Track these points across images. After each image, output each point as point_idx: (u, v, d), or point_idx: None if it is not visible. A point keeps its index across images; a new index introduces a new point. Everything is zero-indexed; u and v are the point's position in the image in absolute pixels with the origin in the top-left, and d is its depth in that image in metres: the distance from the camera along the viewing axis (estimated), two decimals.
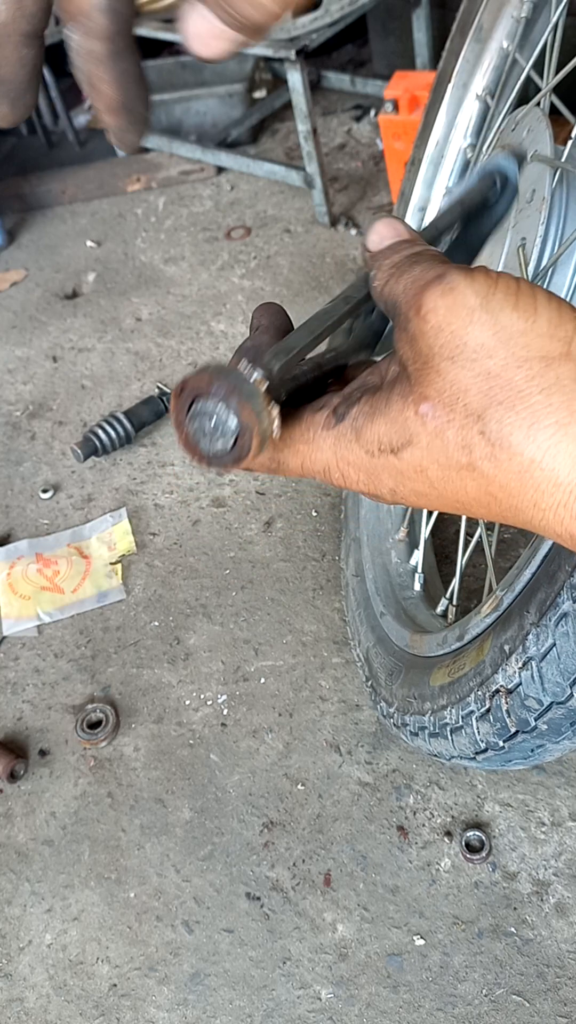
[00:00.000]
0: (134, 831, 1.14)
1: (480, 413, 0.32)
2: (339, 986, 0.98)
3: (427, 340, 0.33)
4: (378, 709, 1.06)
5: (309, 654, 1.27)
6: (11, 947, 1.06)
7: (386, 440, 0.35)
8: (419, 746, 0.95)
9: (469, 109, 1.24)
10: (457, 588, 1.08)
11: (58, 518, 1.54)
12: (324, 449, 0.37)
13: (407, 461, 0.35)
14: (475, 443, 0.33)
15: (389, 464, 0.35)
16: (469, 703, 0.80)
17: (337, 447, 0.36)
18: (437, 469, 0.34)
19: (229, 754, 1.19)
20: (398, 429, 0.34)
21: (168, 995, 1.00)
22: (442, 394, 0.33)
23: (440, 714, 0.87)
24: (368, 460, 0.36)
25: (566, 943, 0.97)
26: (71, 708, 1.27)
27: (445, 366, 0.33)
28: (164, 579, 1.41)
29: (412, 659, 1.01)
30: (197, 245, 2.09)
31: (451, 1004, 0.94)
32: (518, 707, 0.73)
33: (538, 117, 0.88)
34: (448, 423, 0.33)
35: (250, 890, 1.06)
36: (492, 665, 0.77)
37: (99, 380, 1.79)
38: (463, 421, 0.33)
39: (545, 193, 0.80)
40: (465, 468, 0.33)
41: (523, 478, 0.32)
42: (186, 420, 0.35)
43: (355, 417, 0.36)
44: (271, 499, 1.49)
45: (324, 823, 1.10)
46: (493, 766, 0.85)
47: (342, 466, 0.37)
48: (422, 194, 1.30)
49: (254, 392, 0.34)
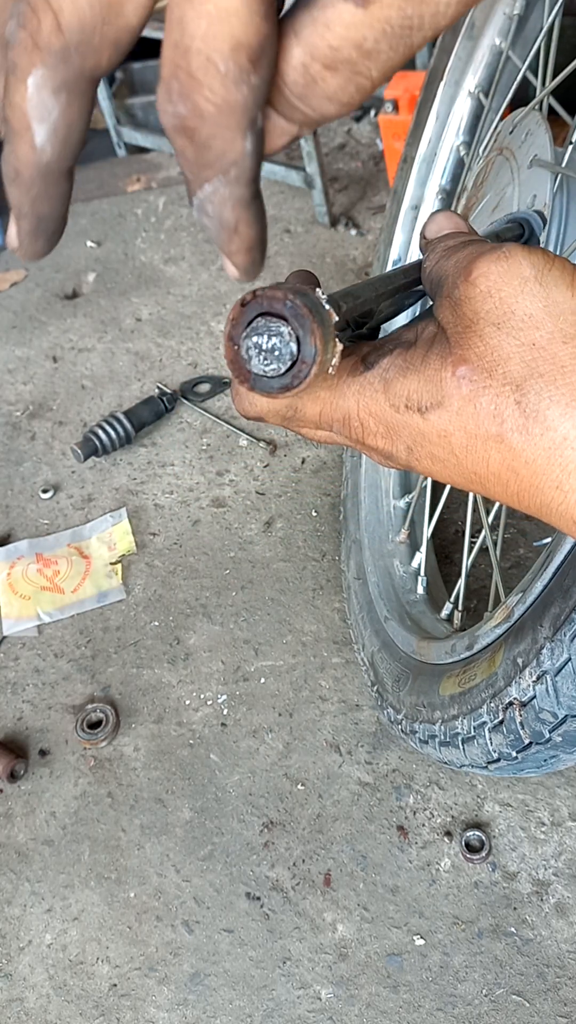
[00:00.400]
0: (134, 831, 1.14)
1: (519, 383, 0.32)
2: (339, 986, 0.98)
3: (473, 305, 0.33)
4: (385, 715, 1.06)
5: (309, 654, 1.27)
6: (11, 947, 1.06)
7: (415, 397, 0.34)
8: (428, 753, 0.94)
9: (461, 107, 1.23)
10: (463, 593, 1.07)
11: (58, 518, 1.54)
12: (347, 396, 0.35)
13: (433, 423, 0.33)
14: (508, 413, 0.32)
15: (413, 423, 0.34)
16: (482, 714, 0.79)
17: (361, 396, 0.35)
18: (463, 436, 0.33)
19: (229, 754, 1.19)
20: (431, 388, 0.33)
21: (168, 995, 1.00)
22: (483, 359, 0.32)
23: (451, 724, 0.86)
24: (391, 415, 0.34)
25: (566, 943, 0.97)
26: (71, 708, 1.27)
27: (490, 331, 0.32)
28: (164, 579, 1.41)
29: (419, 666, 1.00)
30: (197, 245, 2.09)
31: (451, 1004, 0.94)
32: (532, 720, 0.72)
33: (537, 121, 0.88)
34: (484, 389, 0.32)
35: (250, 890, 1.06)
36: (505, 677, 0.76)
37: (99, 380, 1.79)
38: (500, 389, 0.32)
39: (547, 199, 0.80)
40: (493, 438, 0.32)
41: (551, 455, 0.31)
42: (242, 333, 0.32)
43: (386, 368, 0.35)
44: (271, 499, 1.49)
45: (324, 823, 1.10)
46: (505, 774, 0.84)
47: (363, 416, 0.35)
48: (415, 192, 1.29)
49: (327, 320, 0.32)
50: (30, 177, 0.25)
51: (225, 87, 0.23)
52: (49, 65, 0.23)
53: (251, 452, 1.57)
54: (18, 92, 0.24)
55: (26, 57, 0.23)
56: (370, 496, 1.28)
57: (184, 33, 0.22)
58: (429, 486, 1.19)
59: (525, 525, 1.35)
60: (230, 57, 0.22)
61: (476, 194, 0.98)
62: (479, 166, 1.01)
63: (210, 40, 0.22)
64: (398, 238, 1.31)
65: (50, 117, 0.24)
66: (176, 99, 0.23)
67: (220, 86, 0.23)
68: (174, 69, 0.23)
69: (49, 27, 0.23)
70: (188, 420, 1.66)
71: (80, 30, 0.23)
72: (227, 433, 1.61)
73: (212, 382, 1.71)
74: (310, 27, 0.24)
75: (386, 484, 1.28)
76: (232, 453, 1.58)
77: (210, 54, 0.22)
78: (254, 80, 0.23)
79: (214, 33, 0.22)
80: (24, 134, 0.24)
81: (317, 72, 0.24)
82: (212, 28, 0.22)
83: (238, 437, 1.60)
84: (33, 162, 0.25)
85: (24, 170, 0.25)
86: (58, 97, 0.24)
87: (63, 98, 0.24)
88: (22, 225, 0.27)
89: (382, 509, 1.27)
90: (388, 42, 0.24)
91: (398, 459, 0.35)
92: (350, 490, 1.33)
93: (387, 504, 1.27)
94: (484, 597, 1.24)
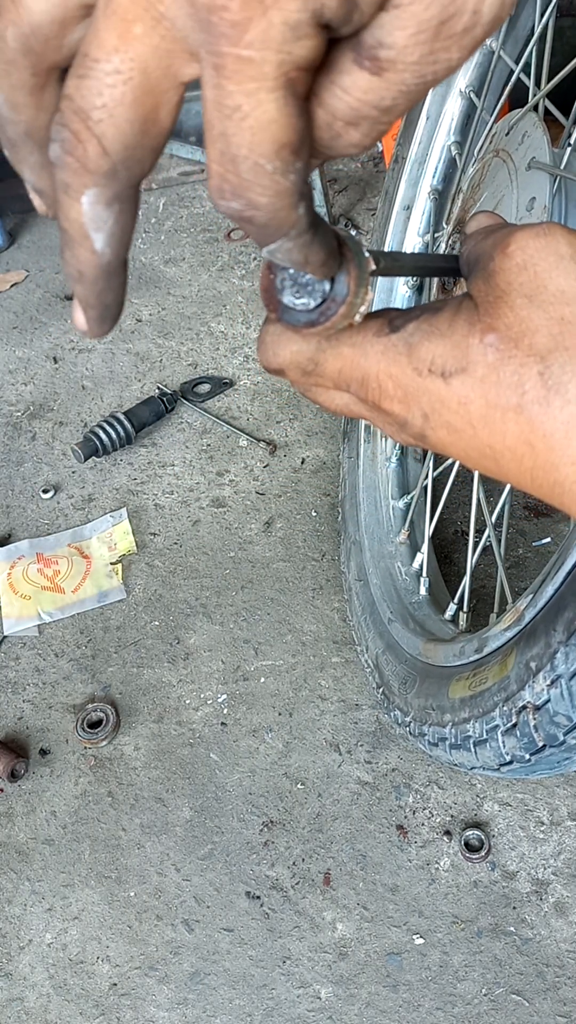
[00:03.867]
0: (134, 830, 1.14)
1: (544, 355, 0.32)
2: (339, 985, 0.98)
3: (507, 276, 0.33)
4: (392, 717, 1.05)
5: (309, 654, 1.28)
6: (11, 946, 1.06)
7: (439, 362, 0.33)
8: (438, 756, 0.93)
9: (452, 106, 1.22)
10: (467, 593, 1.07)
11: (59, 518, 1.55)
12: (369, 356, 0.35)
13: (455, 389, 0.33)
14: (530, 384, 0.32)
15: (434, 388, 0.34)
16: (494, 718, 0.79)
17: (384, 357, 0.35)
18: (482, 405, 0.33)
19: (229, 753, 1.19)
20: (457, 354, 0.33)
21: (168, 994, 1.00)
22: (510, 328, 0.32)
23: (462, 727, 0.85)
24: (413, 379, 0.34)
25: (565, 942, 0.97)
26: (71, 707, 1.28)
27: (520, 303, 0.32)
28: (164, 579, 1.41)
29: (426, 668, 0.99)
30: (197, 246, 2.09)
31: (450, 1003, 0.94)
32: (547, 723, 0.72)
33: (534, 123, 0.87)
34: (509, 359, 0.32)
35: (250, 889, 1.06)
36: (518, 681, 0.75)
37: (99, 381, 1.80)
38: (524, 359, 0.32)
39: (546, 202, 0.80)
40: (512, 409, 0.32)
41: (569, 430, 0.31)
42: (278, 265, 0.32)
43: (411, 332, 0.34)
44: (271, 499, 1.49)
45: (324, 822, 1.10)
46: (517, 776, 0.84)
47: (382, 378, 0.35)
48: (406, 193, 1.29)
49: (364, 266, 0.32)
50: (94, 277, 0.28)
51: (274, 181, 0.25)
52: (100, 184, 0.25)
53: (251, 452, 1.57)
54: (73, 208, 0.26)
55: (77, 179, 0.25)
56: (368, 497, 1.28)
57: (229, 144, 0.24)
58: (430, 485, 1.19)
59: (525, 525, 1.35)
60: (275, 157, 0.24)
61: (472, 196, 0.98)
62: (475, 168, 1.01)
63: (256, 148, 0.24)
64: (390, 238, 1.31)
65: (106, 226, 0.26)
66: (231, 197, 0.25)
67: (270, 182, 0.24)
68: (224, 173, 0.24)
69: (95, 152, 0.25)
70: (188, 420, 1.66)
71: (124, 149, 0.25)
72: (227, 433, 1.61)
73: (212, 382, 1.71)
74: (329, 91, 0.25)
75: (385, 485, 1.28)
76: (232, 453, 1.58)
77: (256, 160, 0.24)
78: (298, 166, 0.25)
79: (258, 141, 0.24)
80: (84, 242, 0.27)
81: (340, 128, 0.26)
82: (255, 138, 0.24)
83: (238, 437, 1.60)
84: (95, 264, 0.27)
85: (87, 271, 0.27)
86: (111, 208, 0.26)
87: (116, 208, 0.26)
88: (90, 314, 0.29)
89: (381, 510, 1.27)
90: (404, 98, 0.25)
91: (412, 427, 0.35)
92: (348, 491, 1.33)
93: (386, 505, 1.27)
94: (484, 597, 1.24)
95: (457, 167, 1.22)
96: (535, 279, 0.33)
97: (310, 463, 1.54)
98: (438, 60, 0.24)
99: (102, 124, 0.24)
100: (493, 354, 0.32)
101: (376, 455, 1.30)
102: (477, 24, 0.24)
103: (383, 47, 0.24)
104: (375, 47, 0.24)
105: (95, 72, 0.24)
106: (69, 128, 0.24)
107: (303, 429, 1.60)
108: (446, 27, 0.24)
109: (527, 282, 0.33)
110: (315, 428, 1.59)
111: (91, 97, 0.24)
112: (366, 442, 1.32)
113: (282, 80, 0.23)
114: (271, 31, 0.22)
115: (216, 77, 0.23)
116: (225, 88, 0.23)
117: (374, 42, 0.24)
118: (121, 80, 0.24)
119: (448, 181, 1.27)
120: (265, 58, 0.22)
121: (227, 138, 0.24)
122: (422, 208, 1.29)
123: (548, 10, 0.94)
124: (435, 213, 1.26)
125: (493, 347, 0.32)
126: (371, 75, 0.24)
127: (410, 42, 0.24)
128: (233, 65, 0.22)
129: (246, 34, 0.22)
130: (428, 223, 1.27)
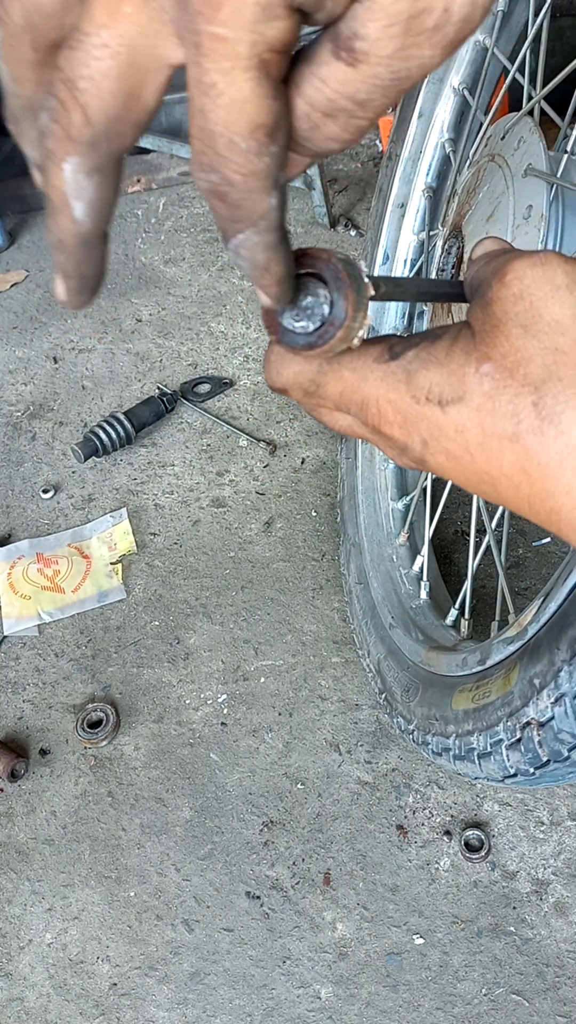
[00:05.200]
0: (134, 830, 1.14)
1: (538, 385, 0.32)
2: (339, 985, 0.98)
3: (503, 305, 0.34)
4: (395, 724, 1.04)
5: (309, 654, 1.28)
6: (11, 946, 1.06)
7: (437, 390, 0.34)
8: (442, 765, 0.93)
9: (446, 104, 1.21)
10: (469, 600, 1.06)
11: (59, 518, 1.55)
12: (370, 381, 0.36)
13: (452, 417, 0.34)
14: (525, 414, 0.32)
15: (432, 416, 0.34)
16: (498, 732, 0.78)
17: (383, 383, 0.35)
18: (479, 434, 0.33)
19: (229, 753, 1.19)
20: (453, 382, 0.34)
21: (168, 994, 1.00)
22: (505, 358, 0.33)
23: (466, 739, 0.84)
24: (411, 406, 0.35)
25: (565, 942, 0.97)
26: (72, 707, 1.28)
27: (516, 332, 0.33)
28: (164, 579, 1.41)
29: (429, 676, 0.99)
30: (197, 246, 2.09)
31: (450, 1003, 0.95)
32: (551, 739, 0.72)
33: (530, 128, 0.87)
34: (504, 388, 0.33)
35: (250, 889, 1.06)
36: (522, 697, 0.75)
37: (99, 381, 1.80)
38: (519, 389, 0.32)
39: (543, 210, 0.80)
40: (508, 438, 0.33)
41: (564, 459, 0.32)
42: None
43: (411, 360, 0.35)
44: (271, 499, 1.49)
45: (324, 822, 1.10)
46: (521, 787, 0.83)
47: (382, 404, 0.36)
48: (400, 190, 1.28)
49: (363, 291, 0.33)
50: (72, 245, 0.29)
51: (248, 160, 0.26)
52: (82, 153, 0.26)
53: (251, 452, 1.57)
54: (56, 175, 0.27)
55: (60, 146, 0.26)
56: (367, 499, 1.28)
57: (207, 120, 0.25)
58: (429, 486, 1.19)
59: (524, 525, 1.35)
60: (250, 136, 0.25)
61: (468, 201, 0.97)
62: (470, 171, 1.01)
63: (230, 125, 0.25)
64: (384, 236, 1.30)
65: (85, 195, 0.27)
66: (207, 170, 0.26)
67: (244, 160, 0.26)
68: (203, 147, 0.26)
69: (79, 120, 0.26)
70: (188, 420, 1.66)
71: (106, 120, 0.26)
72: (227, 433, 1.62)
73: (212, 382, 1.71)
74: (308, 81, 0.26)
75: (383, 486, 1.28)
76: (232, 453, 1.58)
77: (231, 137, 0.25)
78: (273, 149, 0.26)
79: (233, 119, 0.25)
80: (64, 210, 0.28)
81: (318, 119, 0.27)
82: (230, 115, 0.25)
83: (238, 437, 1.60)
84: (74, 232, 0.28)
85: (67, 239, 0.28)
86: (91, 178, 0.27)
87: (96, 178, 0.27)
88: (69, 284, 0.30)
89: (380, 511, 1.26)
90: (379, 93, 0.26)
91: (412, 452, 0.36)
92: (346, 492, 1.32)
93: (385, 506, 1.27)
94: (485, 598, 1.24)
95: (451, 165, 1.22)
96: (530, 309, 0.33)
97: (310, 463, 1.54)
98: (411, 56, 0.25)
99: (87, 94, 0.25)
100: (489, 383, 0.33)
101: (374, 456, 1.30)
102: (448, 22, 0.25)
103: (357, 38, 0.25)
104: (351, 38, 0.25)
105: (84, 44, 0.25)
106: (57, 97, 0.26)
107: (303, 429, 1.60)
108: (416, 22, 0.24)
109: (523, 312, 0.33)
110: (315, 428, 1.60)
111: (78, 68, 0.25)
112: (363, 443, 1.32)
113: (255, 60, 0.24)
114: (244, 10, 0.23)
115: (196, 55, 0.24)
116: (203, 66, 0.24)
117: (350, 33, 0.25)
118: (108, 54, 0.25)
119: (442, 179, 1.26)
120: (238, 37, 0.23)
121: (205, 114, 0.25)
122: (416, 206, 1.29)
123: (543, 10, 0.93)
124: (430, 211, 1.26)
125: (489, 376, 0.33)
126: (347, 66, 0.25)
127: (383, 35, 0.24)
128: (209, 43, 0.24)
129: (219, 12, 0.23)
130: (423, 221, 1.27)
